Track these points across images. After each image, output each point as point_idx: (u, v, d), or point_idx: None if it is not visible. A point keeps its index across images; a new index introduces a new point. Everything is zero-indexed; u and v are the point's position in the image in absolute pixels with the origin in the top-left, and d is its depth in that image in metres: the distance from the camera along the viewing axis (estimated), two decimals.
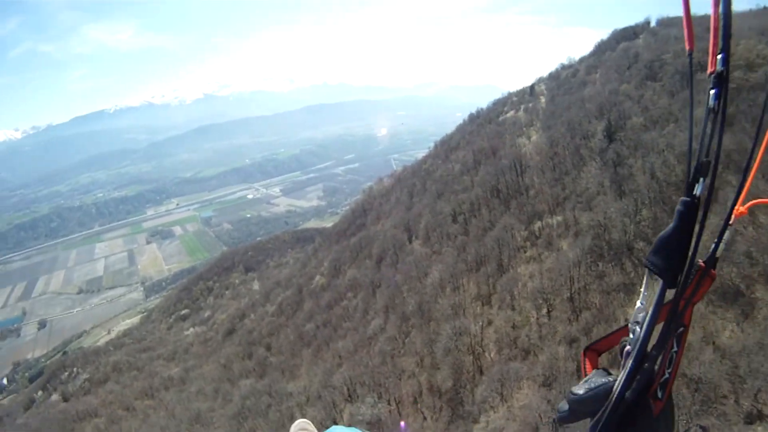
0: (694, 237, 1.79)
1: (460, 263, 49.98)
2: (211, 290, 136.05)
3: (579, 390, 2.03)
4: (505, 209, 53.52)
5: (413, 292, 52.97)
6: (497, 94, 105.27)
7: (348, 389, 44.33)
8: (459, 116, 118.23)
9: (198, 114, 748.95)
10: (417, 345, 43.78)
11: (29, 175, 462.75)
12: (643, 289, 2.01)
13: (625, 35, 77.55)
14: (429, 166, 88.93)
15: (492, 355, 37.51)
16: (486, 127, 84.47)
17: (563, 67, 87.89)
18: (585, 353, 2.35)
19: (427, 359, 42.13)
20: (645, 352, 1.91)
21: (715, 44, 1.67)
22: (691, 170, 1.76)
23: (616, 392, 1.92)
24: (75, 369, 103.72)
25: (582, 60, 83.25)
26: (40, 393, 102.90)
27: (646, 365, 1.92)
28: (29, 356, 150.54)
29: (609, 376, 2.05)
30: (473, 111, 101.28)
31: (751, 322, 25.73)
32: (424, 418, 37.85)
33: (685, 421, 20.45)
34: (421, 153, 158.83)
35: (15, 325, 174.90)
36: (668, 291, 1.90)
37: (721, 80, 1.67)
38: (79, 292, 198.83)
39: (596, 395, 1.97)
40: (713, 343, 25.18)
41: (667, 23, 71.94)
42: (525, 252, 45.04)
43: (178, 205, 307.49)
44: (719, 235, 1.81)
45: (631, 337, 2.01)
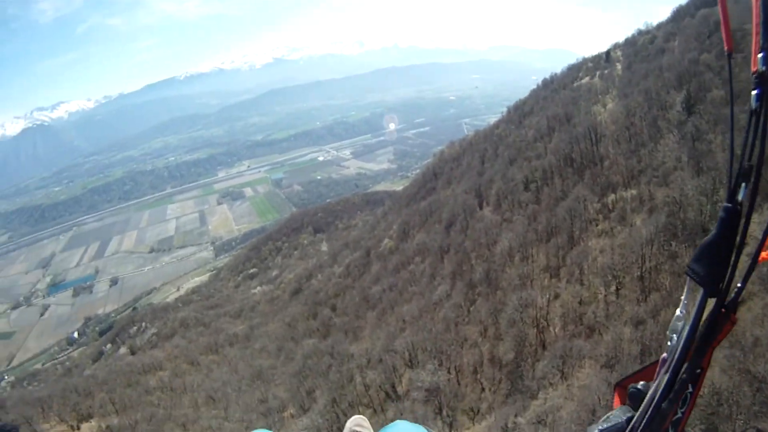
0: (736, 245, 1.71)
1: (530, 232, 49.56)
2: (279, 250, 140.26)
3: (598, 426, 2.03)
4: (578, 179, 52.47)
5: (481, 260, 53.05)
6: (571, 60, 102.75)
7: (409, 354, 44.81)
8: (534, 79, 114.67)
9: (268, 78, 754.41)
10: (482, 314, 43.85)
11: (102, 142, 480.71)
12: (684, 297, 1.96)
13: (705, 0, 72.37)
14: (501, 131, 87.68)
15: (556, 330, 37.09)
16: (560, 93, 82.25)
17: (640, 33, 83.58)
18: (615, 388, 2.28)
19: (490, 329, 42.18)
20: (682, 363, 1.86)
21: (756, 42, 1.65)
22: (733, 175, 1.69)
23: (652, 404, 1.87)
24: (143, 324, 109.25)
25: (659, 26, 78.27)
26: (108, 346, 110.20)
27: (664, 405, 1.86)
28: (100, 311, 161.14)
29: (632, 412, 2.03)
30: (547, 76, 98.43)
31: None
32: (482, 389, 38.00)
33: (743, 421, 20.31)
34: (493, 118, 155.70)
35: (88, 283, 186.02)
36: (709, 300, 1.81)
37: (763, 80, 1.66)
38: (151, 251, 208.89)
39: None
40: None
41: None
42: (597, 225, 44.19)
43: (249, 167, 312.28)
44: (743, 280, 1.79)
45: (668, 345, 1.95)
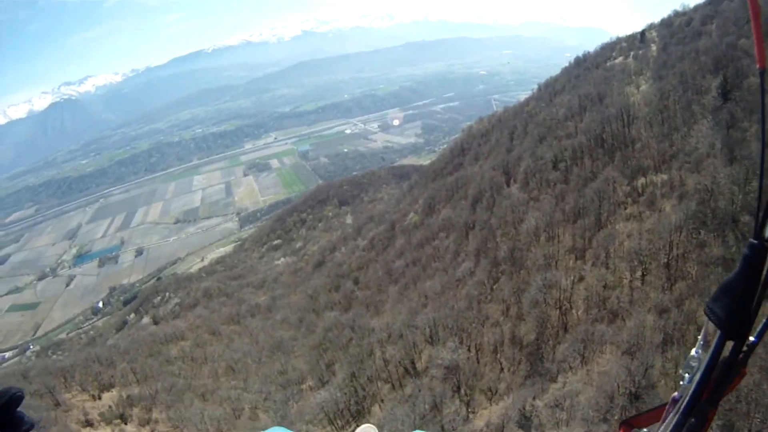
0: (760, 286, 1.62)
1: (557, 212, 49.60)
2: (304, 222, 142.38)
3: None
4: (608, 161, 52.03)
5: (506, 238, 53.31)
6: (605, 39, 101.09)
7: (430, 331, 45.59)
8: (568, 56, 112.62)
9: (297, 51, 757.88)
10: (505, 293, 44.26)
11: (130, 115, 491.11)
12: (701, 336, 1.88)
13: None
14: (531, 108, 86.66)
15: (579, 314, 37.28)
16: (593, 72, 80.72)
17: (676, 14, 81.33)
18: (621, 425, 2.24)
19: (513, 309, 42.60)
20: (694, 406, 1.80)
21: None
22: (761, 208, 1.57)
23: None
24: (167, 294, 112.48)
25: (696, 8, 75.73)
26: (132, 316, 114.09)
27: None
28: (125, 281, 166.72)
29: None
30: (579, 54, 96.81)
31: None
32: (502, 369, 38.61)
33: (760, 420, 20.48)
34: (523, 95, 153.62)
35: (113, 253, 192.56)
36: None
37: None
38: (176, 222, 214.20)
39: None
40: None
41: None
42: (625, 209, 43.98)
43: (276, 139, 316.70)
44: (758, 335, 1.71)
45: (681, 384, 1.89)
